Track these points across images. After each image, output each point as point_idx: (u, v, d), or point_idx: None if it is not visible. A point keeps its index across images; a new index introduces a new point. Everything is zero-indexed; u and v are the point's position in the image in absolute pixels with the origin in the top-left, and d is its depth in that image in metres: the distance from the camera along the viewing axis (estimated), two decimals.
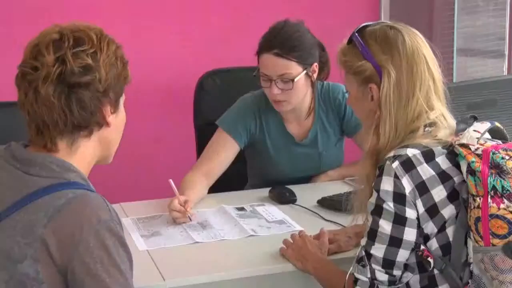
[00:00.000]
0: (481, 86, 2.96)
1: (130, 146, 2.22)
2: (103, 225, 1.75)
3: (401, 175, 1.95)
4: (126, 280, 1.77)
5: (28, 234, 1.72)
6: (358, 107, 2.17)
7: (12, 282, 1.72)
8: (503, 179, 1.85)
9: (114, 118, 1.90)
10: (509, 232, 1.82)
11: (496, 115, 2.15)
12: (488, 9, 4.25)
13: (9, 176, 1.83)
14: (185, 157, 3.39)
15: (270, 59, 2.90)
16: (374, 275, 2.01)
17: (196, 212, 2.73)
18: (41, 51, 1.80)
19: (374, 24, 2.12)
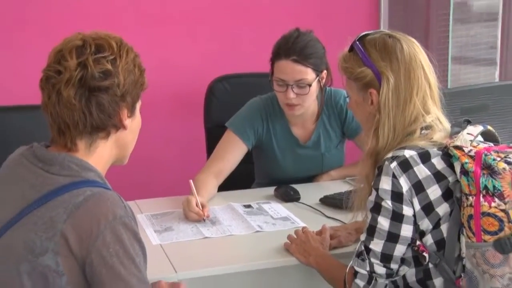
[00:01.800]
0: (474, 92, 2.96)
1: (145, 147, 2.22)
2: (119, 220, 1.75)
3: (399, 175, 1.95)
4: (140, 272, 1.77)
5: (49, 229, 1.72)
6: (359, 110, 2.17)
7: (34, 273, 1.72)
8: (494, 179, 1.85)
9: (130, 121, 1.91)
10: (499, 229, 1.82)
11: (488, 119, 2.15)
12: (481, 20, 4.24)
13: (31, 175, 1.83)
14: (195, 158, 3.40)
15: (288, 65, 2.90)
16: (373, 268, 2.01)
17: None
18: (65, 56, 1.80)
19: (374, 33, 2.12)
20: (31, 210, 1.77)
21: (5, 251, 1.77)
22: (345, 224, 2.52)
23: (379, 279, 2.02)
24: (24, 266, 1.73)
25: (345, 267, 2.09)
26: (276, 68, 2.95)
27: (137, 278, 1.75)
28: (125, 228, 1.76)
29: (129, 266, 1.74)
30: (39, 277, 1.73)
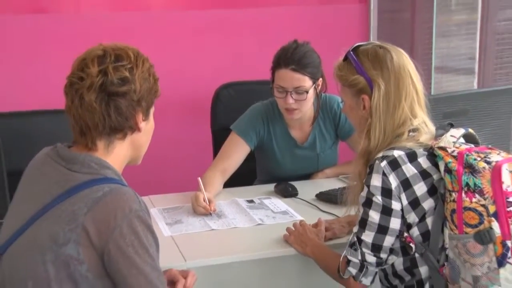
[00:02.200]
0: (455, 98, 2.96)
1: (157, 148, 2.22)
2: (134, 214, 1.75)
3: (388, 172, 1.95)
4: (153, 260, 1.77)
5: (71, 221, 1.72)
6: (352, 114, 2.16)
7: (58, 262, 1.72)
8: (475, 177, 1.84)
9: (145, 124, 1.91)
10: (479, 222, 1.81)
11: (468, 122, 2.15)
12: (460, 33, 4.24)
13: (55, 172, 1.83)
14: (203, 157, 3.39)
15: (288, 73, 2.89)
16: (364, 258, 2.00)
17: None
18: (87, 64, 1.81)
19: (366, 44, 2.12)
20: (55, 204, 1.77)
21: (32, 241, 1.77)
22: (339, 217, 2.52)
23: (370, 267, 2.02)
24: (48, 255, 1.73)
25: (339, 256, 2.09)
26: (276, 76, 2.94)
27: (151, 266, 1.76)
28: (140, 221, 1.76)
29: (143, 255, 1.75)
30: (62, 265, 1.73)
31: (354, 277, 2.04)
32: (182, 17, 4.10)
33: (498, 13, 3.89)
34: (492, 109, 2.90)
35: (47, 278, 1.73)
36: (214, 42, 4.16)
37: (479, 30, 3.96)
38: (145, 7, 4.03)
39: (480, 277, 1.81)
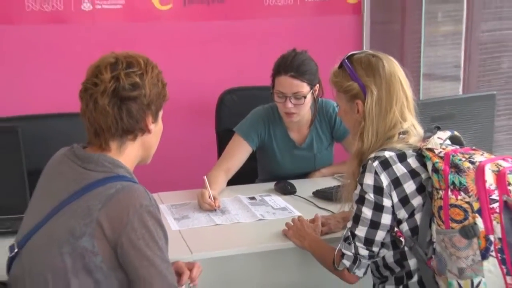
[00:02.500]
0: (442, 103, 2.96)
1: (166, 148, 2.22)
2: (145, 209, 1.75)
3: (380, 172, 1.95)
4: (162, 252, 1.77)
5: (86, 216, 1.73)
6: (347, 118, 2.16)
7: (74, 254, 1.73)
8: (460, 176, 1.84)
9: (154, 126, 1.91)
10: (464, 218, 1.81)
11: (454, 125, 2.15)
12: (447, 43, 4.24)
13: (71, 171, 1.83)
14: (208, 157, 3.38)
15: (287, 79, 2.89)
16: (357, 251, 2.00)
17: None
18: (101, 71, 1.81)
19: (360, 53, 2.12)
20: (72, 200, 1.77)
21: (50, 235, 1.78)
22: (334, 213, 2.52)
23: (363, 260, 2.01)
24: (65, 247, 1.73)
25: (334, 250, 2.08)
26: (276, 82, 2.94)
27: (160, 257, 1.76)
28: (150, 216, 1.76)
29: (154, 248, 1.75)
30: (78, 256, 1.73)
31: (348, 269, 2.03)
32: (190, 28, 4.10)
33: (481, 24, 3.90)
34: (475, 113, 2.90)
35: (64, 269, 1.73)
36: (219, 51, 4.16)
37: (463, 40, 3.96)
38: (155, 19, 4.03)
39: (465, 269, 1.80)
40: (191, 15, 4.09)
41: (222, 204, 2.71)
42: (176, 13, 4.06)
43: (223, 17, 4.15)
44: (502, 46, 3.89)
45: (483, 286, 1.79)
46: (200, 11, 4.10)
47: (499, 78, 3.91)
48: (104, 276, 1.75)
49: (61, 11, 3.85)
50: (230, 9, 4.15)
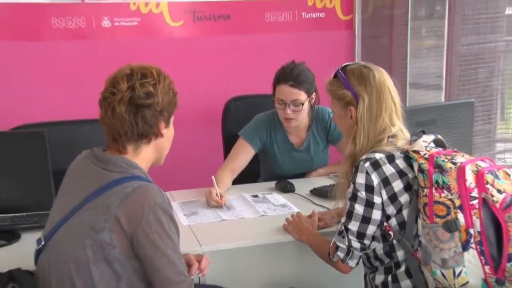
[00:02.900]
0: (426, 109, 2.96)
1: (177, 151, 2.21)
2: (158, 206, 1.75)
3: (371, 172, 1.95)
4: (175, 245, 1.78)
5: (106, 212, 1.73)
6: (341, 123, 2.15)
7: (95, 246, 1.73)
8: (443, 175, 1.84)
9: (166, 131, 1.91)
10: (447, 214, 1.81)
11: (437, 130, 2.14)
12: (430, 56, 4.23)
13: (92, 171, 1.84)
14: (215, 159, 3.38)
15: (286, 88, 2.89)
16: (350, 244, 2.00)
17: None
18: (118, 81, 1.82)
19: (353, 64, 2.12)
20: (92, 198, 1.77)
21: (73, 229, 1.78)
22: (330, 209, 2.51)
23: (355, 252, 2.01)
24: (87, 240, 1.74)
25: (329, 243, 2.08)
26: (277, 90, 2.94)
27: (172, 250, 1.76)
28: (163, 212, 1.76)
29: (166, 241, 1.75)
30: (98, 248, 1.73)
31: (342, 260, 2.03)
32: (198, 42, 4.10)
33: (461, 39, 3.89)
34: (456, 118, 2.90)
35: (86, 260, 1.74)
36: (225, 63, 4.16)
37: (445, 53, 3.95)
38: (167, 34, 4.03)
39: (448, 260, 1.80)
40: (200, 30, 4.10)
41: (227, 201, 2.71)
42: (186, 29, 4.06)
43: (229, 32, 4.15)
44: (479, 58, 3.89)
45: (464, 275, 1.78)
46: (208, 27, 4.11)
47: (477, 87, 3.90)
48: (122, 266, 1.76)
49: (84, 28, 3.86)
50: (235, 25, 4.16)
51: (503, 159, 3.94)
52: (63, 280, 1.77)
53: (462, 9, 3.82)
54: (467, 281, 1.78)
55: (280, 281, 2.33)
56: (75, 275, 1.75)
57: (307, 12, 4.28)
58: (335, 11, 4.32)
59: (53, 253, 1.81)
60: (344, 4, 4.33)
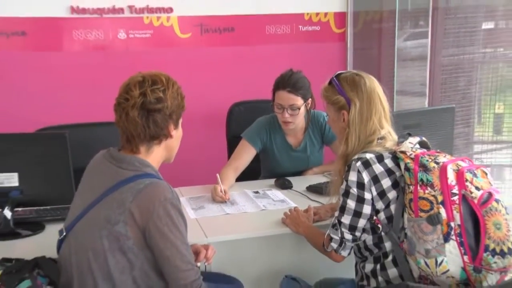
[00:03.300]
0: (411, 114, 2.95)
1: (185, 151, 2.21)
2: (168, 201, 1.75)
3: (362, 170, 1.94)
4: (183, 236, 1.77)
5: (120, 206, 1.73)
6: (334, 125, 2.15)
7: (111, 237, 1.73)
8: (427, 174, 1.83)
9: (175, 132, 1.91)
10: (430, 208, 1.80)
11: (421, 132, 2.13)
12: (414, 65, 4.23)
13: (108, 169, 1.83)
14: (220, 158, 3.37)
15: (285, 94, 2.89)
16: (343, 235, 1.99)
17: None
18: (131, 88, 1.81)
19: (346, 72, 2.11)
20: (108, 193, 1.77)
21: (92, 221, 1.78)
22: (324, 204, 2.50)
23: (347, 243, 2.00)
24: (104, 231, 1.73)
25: (324, 235, 2.07)
26: (276, 96, 2.93)
27: (181, 240, 1.76)
28: (172, 206, 1.75)
29: (175, 233, 1.75)
30: (114, 239, 1.73)
31: (335, 250, 2.03)
32: (205, 52, 4.10)
33: (442, 51, 3.89)
34: (439, 122, 2.89)
35: (103, 249, 1.74)
36: (229, 71, 4.16)
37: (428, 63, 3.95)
38: (177, 45, 4.03)
39: (431, 250, 1.79)
40: (206, 42, 4.10)
41: (231, 197, 2.70)
42: (194, 40, 4.06)
43: (233, 43, 4.15)
44: (459, 68, 3.89)
45: (445, 264, 1.78)
46: (213, 38, 4.11)
47: (457, 94, 3.91)
48: (135, 255, 1.75)
49: (102, 40, 3.87)
50: (238, 37, 4.16)
51: (480, 159, 3.94)
52: (82, 267, 1.77)
53: (443, 24, 3.83)
54: (447, 269, 1.78)
55: (279, 270, 2.32)
56: (93, 263, 1.75)
57: (303, 26, 4.28)
58: (329, 25, 4.32)
59: (73, 243, 1.81)
60: (337, 18, 4.33)
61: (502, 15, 3.72)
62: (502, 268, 1.75)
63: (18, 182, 2.26)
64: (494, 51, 3.86)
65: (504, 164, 3.91)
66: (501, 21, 3.77)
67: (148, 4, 3.88)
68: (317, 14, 4.28)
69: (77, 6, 3.73)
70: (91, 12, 3.78)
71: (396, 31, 4.12)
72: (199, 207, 2.60)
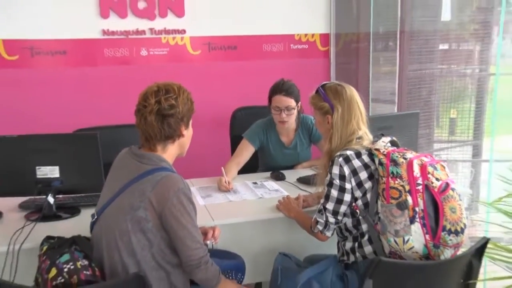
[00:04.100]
0: (383, 118, 2.95)
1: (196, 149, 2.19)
2: (181, 191, 1.73)
3: (343, 165, 1.92)
4: (193, 220, 1.76)
5: (141, 195, 1.72)
6: (321, 128, 2.13)
7: (133, 220, 1.72)
8: (397, 167, 1.83)
9: (186, 132, 1.89)
10: (399, 196, 1.79)
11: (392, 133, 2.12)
12: (386, 78, 4.21)
13: (131, 164, 1.82)
14: (224, 154, 3.36)
15: (281, 97, 2.88)
16: (327, 219, 1.98)
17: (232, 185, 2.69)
18: (148, 97, 1.80)
19: (330, 83, 2.09)
20: (131, 184, 1.76)
21: (118, 207, 1.76)
22: (312, 193, 2.48)
23: (331, 225, 1.99)
24: (128, 216, 1.72)
25: (311, 218, 2.06)
26: (273, 100, 2.92)
27: (191, 224, 1.75)
28: (184, 195, 1.74)
29: (187, 217, 1.73)
30: (136, 222, 1.72)
31: (321, 231, 2.01)
32: (212, 66, 4.09)
33: (408, 66, 3.89)
34: (406, 125, 2.86)
35: (127, 230, 1.73)
36: (232, 82, 4.15)
37: (397, 76, 3.93)
38: (189, 60, 4.02)
39: (399, 231, 1.78)
40: (213, 57, 4.09)
41: (234, 187, 2.68)
42: (203, 56, 4.05)
43: (235, 59, 4.14)
44: (422, 80, 3.90)
45: (411, 241, 1.77)
46: (219, 55, 4.09)
47: (420, 102, 3.91)
48: (153, 235, 1.74)
49: (127, 56, 3.86)
50: (240, 53, 4.14)
51: (439, 155, 3.94)
52: (111, 245, 1.76)
53: (408, 44, 3.83)
54: (412, 246, 1.77)
55: (273, 247, 2.30)
56: (119, 241, 1.74)
57: (294, 44, 4.28)
58: (316, 44, 4.32)
59: (103, 225, 1.80)
60: (322, 39, 4.32)
61: (454, 38, 3.75)
62: (455, 244, 1.77)
63: (59, 174, 2.26)
64: (448, 67, 3.88)
65: (457, 159, 3.92)
66: (453, 43, 3.80)
67: (165, 27, 3.88)
68: (305, 35, 4.28)
69: (108, 29, 3.74)
70: (118, 34, 3.78)
71: (370, 49, 4.11)
72: (207, 195, 2.57)
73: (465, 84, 3.90)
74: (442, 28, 3.74)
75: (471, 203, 3.78)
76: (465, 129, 3.89)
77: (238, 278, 2.11)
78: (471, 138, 3.90)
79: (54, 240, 1.84)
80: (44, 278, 1.65)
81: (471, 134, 3.89)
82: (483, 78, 3.82)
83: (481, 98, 3.85)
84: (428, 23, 3.74)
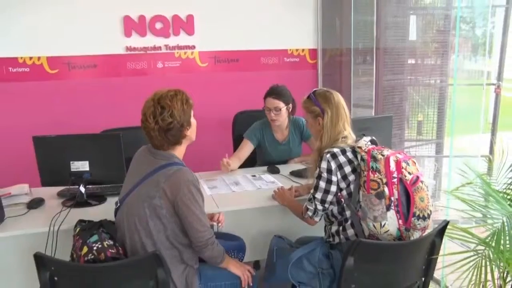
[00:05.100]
0: (363, 120, 2.90)
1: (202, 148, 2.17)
2: (190, 182, 1.71)
3: (331, 160, 1.89)
4: (201, 208, 1.73)
5: (156, 186, 1.69)
6: (312, 128, 2.09)
7: (150, 207, 1.70)
8: (376, 163, 1.80)
9: (189, 130, 1.83)
10: (378, 187, 1.77)
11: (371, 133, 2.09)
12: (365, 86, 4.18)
13: (148, 159, 1.79)
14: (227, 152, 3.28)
15: (271, 100, 2.86)
16: (316, 206, 1.95)
17: (231, 175, 2.65)
18: (147, 119, 1.77)
19: (320, 90, 2.06)
20: (148, 177, 1.73)
21: (137, 196, 1.74)
22: (303, 185, 2.45)
23: (319, 212, 1.96)
24: (146, 203, 1.70)
25: (302, 206, 2.03)
26: (265, 102, 2.90)
27: (199, 211, 1.72)
28: (193, 186, 1.72)
29: (196, 205, 1.71)
30: (152, 209, 1.70)
31: (310, 217, 1.98)
32: (218, 76, 4.06)
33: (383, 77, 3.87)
34: (382, 127, 2.84)
35: (145, 216, 1.71)
36: (234, 89, 4.13)
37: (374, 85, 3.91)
38: (198, 71, 3.99)
39: (377, 217, 1.77)
40: (219, 69, 4.06)
41: (235, 179, 2.63)
42: (210, 68, 4.03)
43: (237, 70, 4.11)
44: (395, 89, 3.89)
45: (387, 226, 1.76)
46: (224, 66, 4.06)
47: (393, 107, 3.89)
48: (167, 220, 1.72)
49: (146, 68, 3.85)
50: (241, 65, 4.12)
51: (409, 152, 3.92)
52: (131, 228, 1.74)
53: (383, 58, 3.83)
54: (388, 229, 1.77)
55: (270, 231, 2.27)
56: (138, 225, 1.72)
57: (287, 58, 4.26)
58: (305, 58, 4.31)
59: (125, 211, 1.78)
60: (311, 53, 4.31)
61: (419, 54, 3.78)
62: (423, 227, 1.78)
63: (88, 167, 2.27)
64: (415, 78, 3.89)
65: (423, 155, 3.94)
66: (419, 59, 3.84)
67: (178, 43, 3.87)
68: (296, 49, 4.27)
69: (130, 45, 3.75)
70: (139, 50, 3.79)
71: (351, 63, 4.10)
72: (213, 187, 2.54)
73: (429, 93, 3.92)
74: (410, 46, 3.78)
75: (435, 192, 3.79)
76: (430, 130, 3.92)
77: (240, 257, 2.09)
78: (434, 137, 3.92)
79: (85, 223, 1.84)
80: (77, 254, 1.68)
81: (435, 134, 3.91)
82: (444, 87, 3.85)
83: (442, 104, 3.89)
84: (399, 42, 3.77)
